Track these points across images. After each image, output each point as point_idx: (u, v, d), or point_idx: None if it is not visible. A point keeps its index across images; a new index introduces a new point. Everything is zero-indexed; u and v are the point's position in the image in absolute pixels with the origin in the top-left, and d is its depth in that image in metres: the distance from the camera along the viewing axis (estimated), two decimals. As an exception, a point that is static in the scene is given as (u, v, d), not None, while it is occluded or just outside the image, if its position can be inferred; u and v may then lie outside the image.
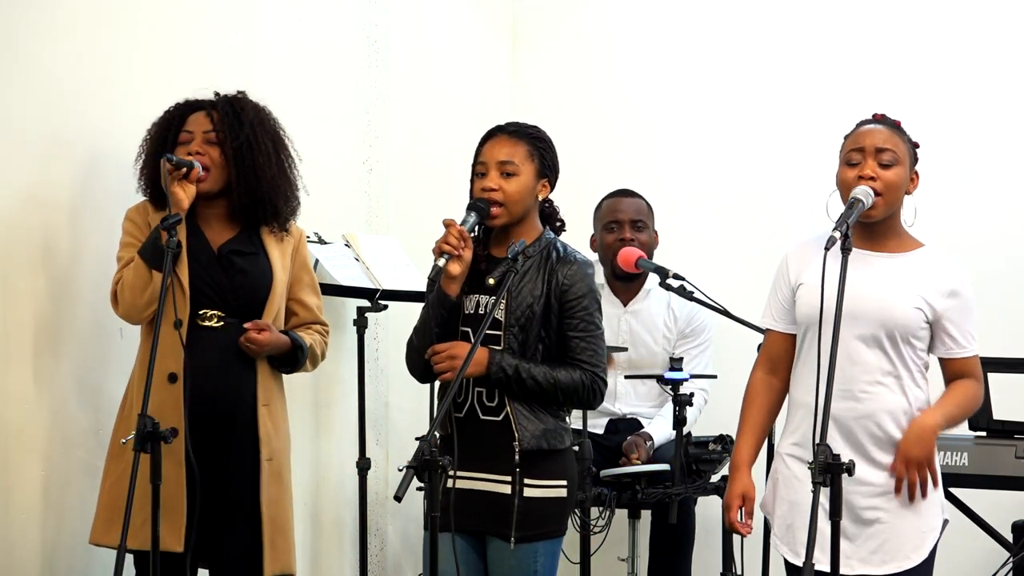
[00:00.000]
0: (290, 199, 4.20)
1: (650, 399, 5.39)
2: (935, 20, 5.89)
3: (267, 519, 4.06)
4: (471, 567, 3.92)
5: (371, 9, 5.57)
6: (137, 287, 3.97)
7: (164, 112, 4.11)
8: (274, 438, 4.11)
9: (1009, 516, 5.06)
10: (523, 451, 3.86)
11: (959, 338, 3.84)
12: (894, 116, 3.93)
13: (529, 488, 3.87)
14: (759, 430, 3.96)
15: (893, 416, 3.80)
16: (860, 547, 3.79)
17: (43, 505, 4.09)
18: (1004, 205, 5.77)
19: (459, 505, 3.79)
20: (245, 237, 4.15)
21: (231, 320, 4.06)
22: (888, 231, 3.87)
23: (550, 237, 4.00)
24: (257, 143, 4.10)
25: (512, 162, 3.93)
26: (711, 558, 5.35)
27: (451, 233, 3.83)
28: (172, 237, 3.86)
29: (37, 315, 4.08)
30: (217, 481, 3.97)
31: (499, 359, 3.86)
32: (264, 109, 4.18)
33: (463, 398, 3.93)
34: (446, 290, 3.86)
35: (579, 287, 3.92)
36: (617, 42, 6.29)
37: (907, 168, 3.85)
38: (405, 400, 5.57)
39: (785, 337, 3.95)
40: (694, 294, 5.00)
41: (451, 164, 5.76)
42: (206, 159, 4.05)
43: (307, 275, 4.30)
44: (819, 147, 5.08)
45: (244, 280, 4.10)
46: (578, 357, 3.92)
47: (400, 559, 5.67)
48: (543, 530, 3.90)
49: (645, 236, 5.39)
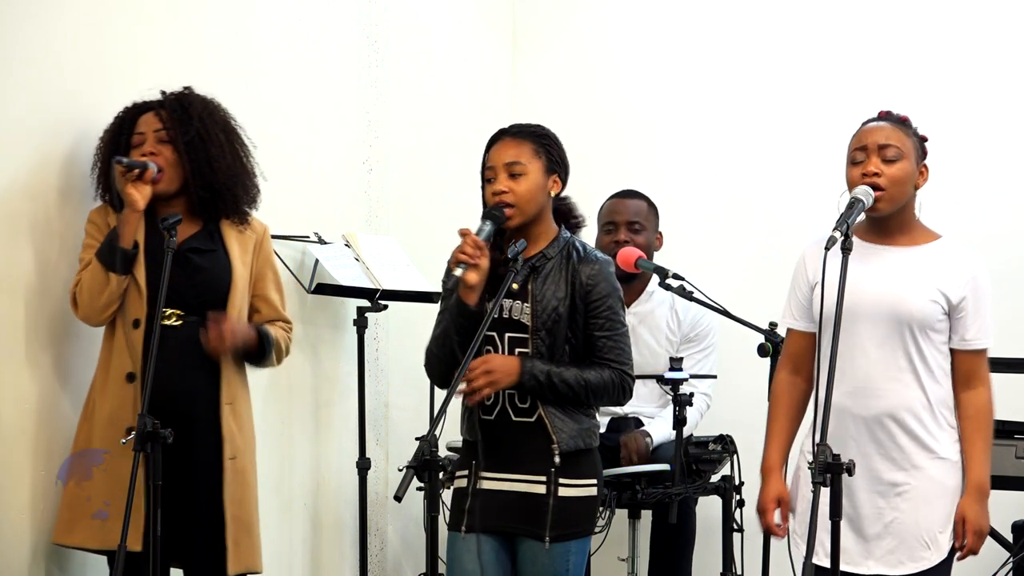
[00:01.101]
0: (249, 188, 4.20)
1: (652, 400, 5.39)
2: (939, 18, 5.89)
3: (230, 518, 4.06)
4: (499, 568, 3.93)
5: (371, 9, 5.57)
6: (95, 289, 3.97)
7: (114, 117, 4.12)
8: (237, 436, 4.11)
9: (1009, 516, 5.06)
10: (563, 452, 3.88)
11: (971, 328, 3.83)
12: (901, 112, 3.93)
13: (564, 488, 3.89)
14: (787, 432, 3.97)
15: (912, 412, 3.79)
16: (876, 547, 3.79)
17: (38, 505, 4.08)
18: (1004, 205, 5.76)
19: (489, 506, 3.82)
20: (205, 234, 4.14)
21: (191, 319, 4.05)
22: (901, 225, 3.87)
23: (567, 236, 4.01)
24: (208, 135, 4.10)
25: (519, 162, 3.94)
26: (711, 558, 5.35)
27: (466, 243, 3.82)
28: (172, 237, 3.87)
29: (29, 313, 4.07)
30: (180, 480, 3.96)
31: (530, 367, 3.87)
32: (212, 101, 4.17)
33: (492, 401, 3.94)
34: (465, 300, 3.85)
35: (603, 286, 3.94)
36: (617, 42, 6.29)
37: (913, 162, 3.86)
38: (405, 400, 5.57)
39: (806, 335, 3.95)
40: (694, 294, 5.00)
41: (451, 164, 5.77)
42: (160, 159, 4.05)
43: (271, 271, 4.28)
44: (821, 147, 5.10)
45: (203, 277, 4.09)
46: (606, 356, 3.94)
47: (400, 559, 5.66)
48: (576, 529, 3.93)
49: (642, 238, 5.36)
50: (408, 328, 5.46)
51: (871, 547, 3.77)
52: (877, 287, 3.76)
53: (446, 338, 3.89)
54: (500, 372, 3.84)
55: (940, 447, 3.82)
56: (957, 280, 3.82)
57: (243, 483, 4.11)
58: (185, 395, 4.03)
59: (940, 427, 3.83)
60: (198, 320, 4.05)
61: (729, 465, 5.14)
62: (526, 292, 3.92)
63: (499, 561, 3.93)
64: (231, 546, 4.05)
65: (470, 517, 3.89)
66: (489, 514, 3.84)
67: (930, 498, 3.80)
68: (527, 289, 3.92)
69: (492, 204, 3.92)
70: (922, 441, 3.80)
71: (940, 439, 3.82)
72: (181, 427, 3.95)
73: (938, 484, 3.81)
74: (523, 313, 3.91)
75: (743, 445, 5.04)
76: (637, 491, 4.87)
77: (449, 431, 4.25)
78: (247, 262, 4.19)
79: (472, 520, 3.88)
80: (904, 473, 3.79)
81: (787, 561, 3.99)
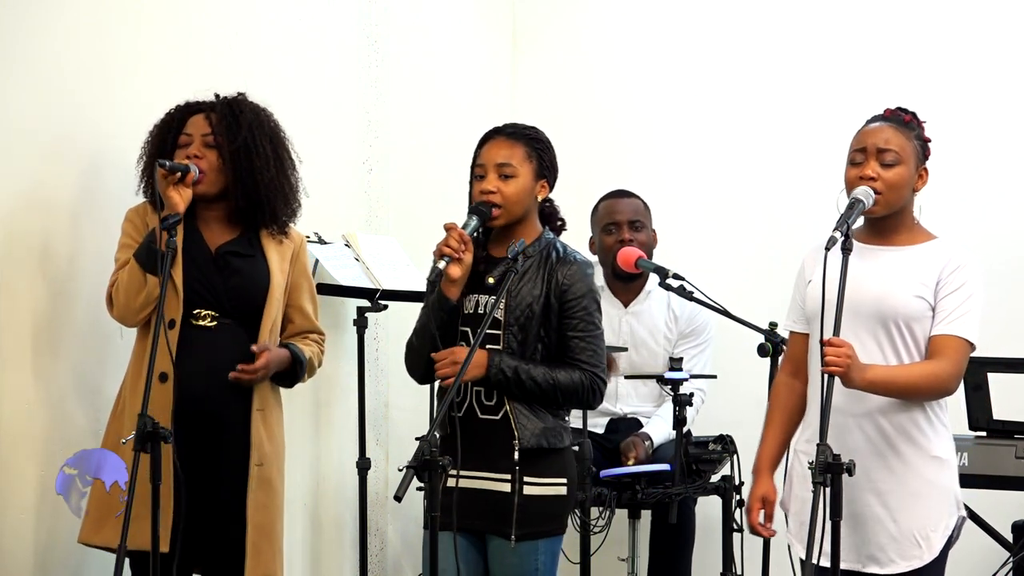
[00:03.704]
0: (290, 201, 4.20)
1: (651, 399, 5.39)
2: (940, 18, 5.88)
3: (252, 524, 4.05)
4: (472, 566, 3.93)
5: (371, 9, 5.57)
6: (132, 290, 3.97)
7: (165, 114, 4.11)
8: (266, 443, 4.09)
9: (1009, 516, 5.06)
10: (523, 449, 3.87)
11: (941, 312, 3.79)
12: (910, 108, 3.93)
13: (529, 486, 3.88)
14: (782, 433, 3.97)
15: (905, 410, 3.79)
16: (868, 545, 3.78)
17: (40, 505, 4.08)
18: (1003, 205, 5.76)
19: (459, 504, 3.80)
20: (244, 240, 4.14)
21: (225, 320, 4.06)
22: (897, 226, 3.87)
23: (550, 237, 4.01)
24: (255, 146, 4.09)
25: (510, 164, 3.94)
26: (711, 558, 5.35)
27: (451, 236, 3.84)
28: (172, 237, 3.86)
29: (36, 315, 4.08)
30: (206, 482, 3.96)
31: (498, 361, 3.86)
32: (264, 111, 4.17)
33: (461, 397, 3.94)
34: (446, 293, 3.87)
35: (579, 287, 3.93)
36: (617, 42, 6.29)
37: (911, 167, 3.85)
38: (405, 400, 5.57)
39: (806, 338, 3.95)
40: (694, 294, 5.00)
41: (451, 164, 5.75)
42: (204, 162, 4.04)
43: (306, 281, 4.29)
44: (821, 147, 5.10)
45: (240, 281, 4.09)
46: (577, 357, 3.93)
47: (400, 559, 5.66)
48: (543, 528, 3.91)
49: (643, 236, 5.39)
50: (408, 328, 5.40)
51: (862, 545, 3.77)
52: (867, 286, 3.76)
53: (425, 331, 3.89)
54: (463, 361, 3.75)
55: (932, 446, 3.82)
56: (942, 272, 3.81)
57: (268, 491, 4.10)
58: (216, 398, 4.02)
59: (932, 426, 3.82)
60: (233, 323, 4.05)
61: (729, 465, 5.14)
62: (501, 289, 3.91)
63: (471, 559, 3.93)
64: (251, 552, 4.04)
65: (445, 515, 3.87)
66: (460, 512, 3.79)
67: (922, 496, 3.79)
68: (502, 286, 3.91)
69: (479, 201, 3.93)
70: (914, 439, 3.80)
71: (932, 438, 3.82)
72: (210, 430, 3.97)
73: (930, 483, 3.80)
74: (497, 308, 3.89)
75: (743, 445, 5.03)
76: (637, 491, 4.87)
77: (449, 431, 4.24)
78: (284, 271, 4.18)
79: (444, 518, 3.86)
80: (896, 471, 3.78)
81: (787, 561, 3.99)
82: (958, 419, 4.75)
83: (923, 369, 3.77)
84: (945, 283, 3.80)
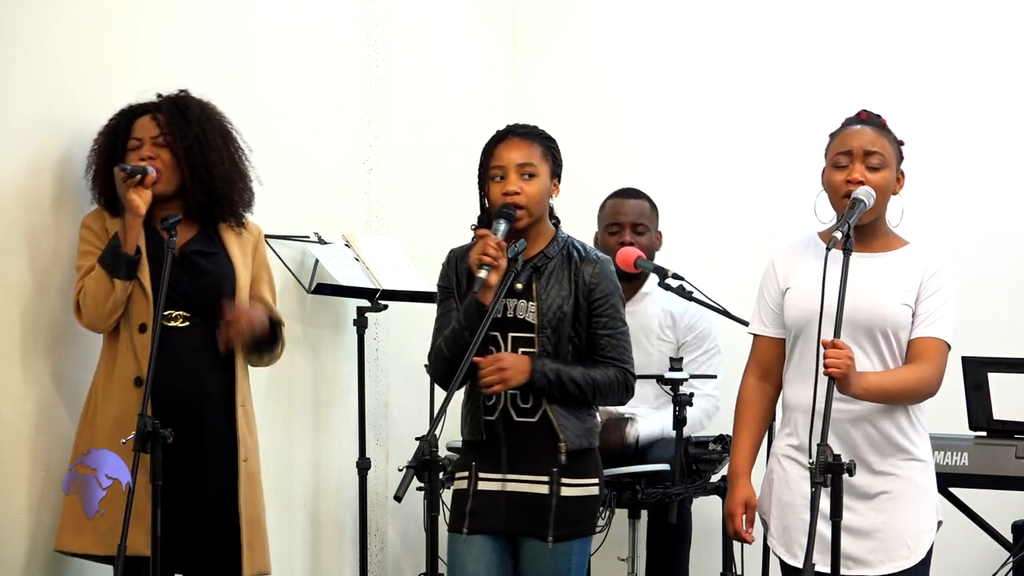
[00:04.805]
0: (244, 191, 4.20)
1: (645, 401, 5.37)
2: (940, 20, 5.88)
3: (245, 519, 4.06)
4: (501, 569, 3.94)
5: (371, 9, 5.57)
6: (100, 296, 3.96)
7: (109, 120, 4.11)
8: (248, 438, 4.12)
9: (1009, 516, 5.05)
10: (569, 451, 3.90)
11: (921, 316, 3.80)
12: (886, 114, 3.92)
13: (566, 488, 3.91)
14: (755, 437, 3.98)
15: (889, 415, 3.79)
16: (856, 548, 3.78)
17: (34, 506, 4.07)
18: (1003, 205, 5.76)
19: (490, 507, 3.82)
20: (205, 236, 4.15)
21: (197, 320, 4.05)
22: (875, 232, 3.87)
23: (565, 236, 4.03)
24: (206, 140, 4.10)
25: (532, 163, 3.95)
26: (711, 558, 5.35)
27: (489, 244, 3.83)
28: (172, 237, 3.87)
29: (25, 314, 4.07)
30: (191, 483, 3.96)
31: (541, 366, 3.88)
32: (209, 105, 4.17)
33: (493, 401, 3.94)
34: (483, 300, 3.84)
35: (605, 285, 3.96)
36: (617, 42, 6.29)
37: (894, 170, 3.86)
38: (405, 400, 5.57)
39: (776, 342, 3.95)
40: (693, 294, 4.99)
41: (451, 164, 5.77)
42: (158, 163, 4.05)
43: (266, 272, 4.30)
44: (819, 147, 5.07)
45: (207, 280, 4.09)
46: (609, 355, 3.96)
47: (400, 559, 5.66)
48: (578, 529, 3.95)
49: (646, 240, 5.35)
50: (408, 328, 5.46)
51: (850, 548, 3.76)
52: (852, 293, 3.74)
53: (459, 340, 3.86)
54: (513, 370, 3.85)
55: (916, 449, 3.83)
56: (918, 278, 3.82)
57: (253, 484, 4.12)
58: (197, 397, 4.03)
59: (915, 428, 3.84)
60: (205, 322, 4.05)
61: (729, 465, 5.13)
62: (530, 291, 3.93)
63: (501, 562, 3.94)
64: (246, 548, 4.05)
65: (471, 519, 3.89)
66: (491, 515, 3.85)
67: (907, 499, 3.80)
68: (531, 288, 3.93)
69: (501, 204, 3.92)
70: (898, 444, 3.81)
71: (916, 440, 3.83)
72: (192, 430, 3.95)
73: (914, 485, 3.82)
74: (528, 312, 3.92)
75: (743, 445, 5.02)
76: (637, 491, 4.87)
77: (449, 431, 4.25)
78: (248, 265, 4.20)
79: (473, 522, 3.89)
80: (881, 476, 3.79)
81: (787, 562, 3.98)
82: (958, 420, 4.76)
83: (912, 373, 3.78)
84: (925, 287, 3.81)
